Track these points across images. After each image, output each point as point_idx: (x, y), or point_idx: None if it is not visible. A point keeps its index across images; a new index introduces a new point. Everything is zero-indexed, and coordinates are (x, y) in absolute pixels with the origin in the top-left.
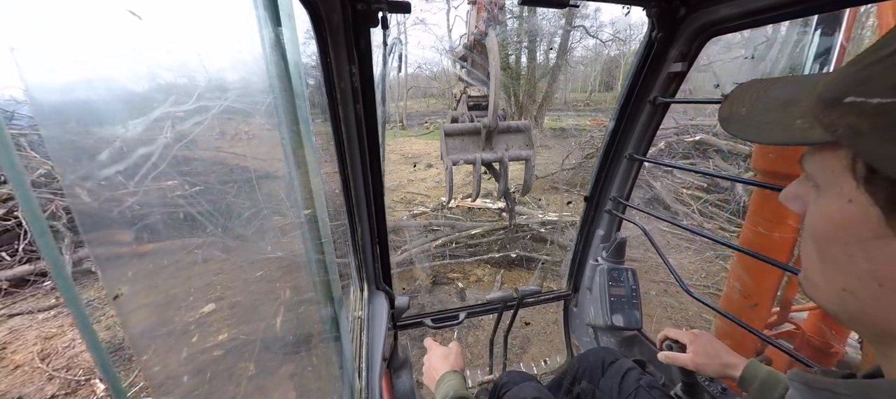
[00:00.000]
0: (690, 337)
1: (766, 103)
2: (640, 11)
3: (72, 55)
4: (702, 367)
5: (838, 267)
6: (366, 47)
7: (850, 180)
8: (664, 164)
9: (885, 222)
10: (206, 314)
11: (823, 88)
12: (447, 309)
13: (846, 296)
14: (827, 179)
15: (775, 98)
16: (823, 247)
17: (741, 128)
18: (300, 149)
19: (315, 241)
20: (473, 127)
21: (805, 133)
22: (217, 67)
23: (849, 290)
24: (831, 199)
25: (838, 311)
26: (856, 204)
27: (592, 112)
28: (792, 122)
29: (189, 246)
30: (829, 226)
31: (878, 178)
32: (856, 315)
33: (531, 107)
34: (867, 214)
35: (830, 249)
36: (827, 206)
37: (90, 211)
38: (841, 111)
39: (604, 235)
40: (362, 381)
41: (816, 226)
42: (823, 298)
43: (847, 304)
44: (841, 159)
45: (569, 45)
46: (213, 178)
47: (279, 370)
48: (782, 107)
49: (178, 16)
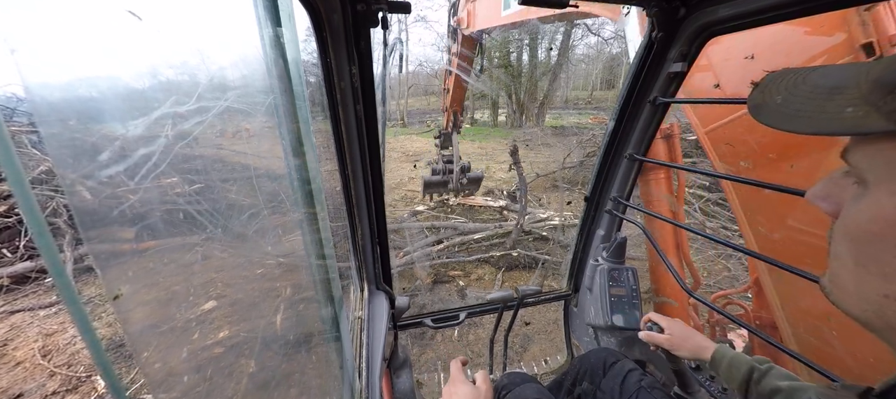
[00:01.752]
0: (668, 322)
1: (807, 91)
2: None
3: (72, 55)
4: (676, 347)
5: (882, 270)
6: (366, 47)
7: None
8: (664, 163)
9: None
10: (207, 311)
11: (881, 72)
12: (447, 309)
13: (888, 303)
14: (880, 173)
15: (818, 85)
16: (865, 248)
17: (776, 117)
18: (300, 148)
19: (315, 241)
20: (444, 179)
21: (859, 122)
22: (217, 67)
23: (893, 296)
24: (884, 195)
25: (873, 319)
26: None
27: (593, 110)
28: (841, 111)
29: (189, 244)
30: (877, 224)
31: None
32: (893, 324)
33: (532, 105)
34: None
35: (874, 251)
36: (878, 203)
37: (90, 210)
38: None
39: (604, 235)
40: (362, 381)
41: (859, 225)
42: (854, 305)
43: (887, 312)
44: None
45: (570, 42)
46: (214, 177)
47: (279, 369)
48: (827, 94)
49: (179, 16)
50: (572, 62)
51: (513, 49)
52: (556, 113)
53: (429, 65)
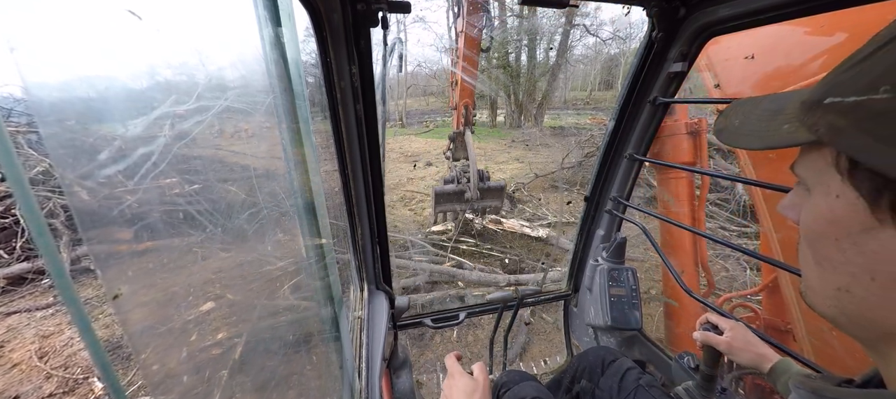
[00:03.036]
0: (730, 324)
1: (758, 114)
2: (640, 10)
3: (72, 54)
4: (737, 351)
5: (832, 266)
6: (366, 47)
7: (835, 176)
8: (664, 163)
9: (870, 213)
10: (206, 312)
11: (807, 94)
12: (447, 309)
13: (842, 295)
14: (815, 179)
15: (766, 109)
16: (817, 247)
17: (734, 137)
18: (300, 148)
19: (315, 241)
20: (459, 188)
21: (791, 135)
22: (217, 67)
23: (844, 288)
24: (820, 197)
25: (837, 315)
26: (842, 198)
27: (592, 111)
28: (779, 128)
29: (188, 244)
30: (819, 224)
31: (859, 170)
32: (854, 316)
33: (531, 106)
34: (854, 207)
35: (823, 248)
36: (817, 205)
37: (90, 210)
38: (822, 111)
39: (604, 235)
40: (362, 381)
41: (809, 226)
42: (821, 302)
43: (844, 305)
44: (825, 157)
45: (569, 43)
46: (213, 177)
47: (279, 369)
48: (772, 115)
49: (179, 16)
50: (571, 63)
51: (512, 49)
52: (554, 113)
53: (427, 65)
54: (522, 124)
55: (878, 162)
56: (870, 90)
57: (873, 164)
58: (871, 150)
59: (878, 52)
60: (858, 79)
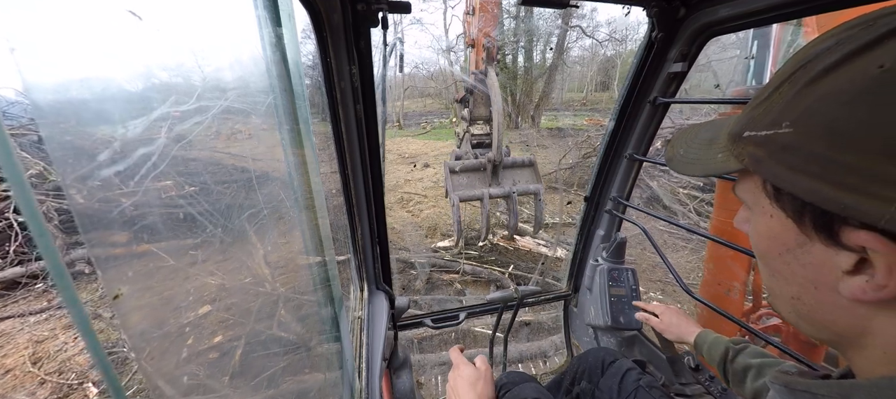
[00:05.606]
0: (662, 309)
1: (697, 143)
2: (637, 12)
3: (72, 55)
4: (664, 330)
5: (784, 277)
6: (366, 47)
7: (765, 199)
8: (664, 164)
9: (799, 230)
10: (206, 313)
11: (731, 126)
12: (447, 309)
13: (797, 303)
14: (752, 200)
15: (703, 138)
16: (767, 261)
17: (681, 165)
18: (300, 149)
19: (315, 241)
20: (478, 163)
21: (724, 164)
22: (217, 67)
23: (796, 296)
24: (759, 217)
25: (797, 321)
26: (775, 218)
27: (589, 112)
28: (714, 157)
29: (188, 246)
30: (763, 240)
31: (782, 194)
32: (809, 321)
33: (528, 106)
34: (786, 226)
35: (773, 263)
36: (758, 225)
37: (89, 211)
38: (743, 143)
39: (604, 235)
40: (362, 381)
41: (755, 243)
42: (782, 309)
43: (800, 312)
44: (756, 183)
45: (565, 44)
46: (212, 179)
47: (279, 369)
48: (707, 145)
49: (179, 16)
50: (568, 64)
51: (509, 51)
52: (551, 114)
53: (424, 67)
54: (520, 125)
55: (793, 188)
56: (775, 125)
57: (791, 189)
58: (786, 178)
59: (776, 93)
60: (766, 115)
